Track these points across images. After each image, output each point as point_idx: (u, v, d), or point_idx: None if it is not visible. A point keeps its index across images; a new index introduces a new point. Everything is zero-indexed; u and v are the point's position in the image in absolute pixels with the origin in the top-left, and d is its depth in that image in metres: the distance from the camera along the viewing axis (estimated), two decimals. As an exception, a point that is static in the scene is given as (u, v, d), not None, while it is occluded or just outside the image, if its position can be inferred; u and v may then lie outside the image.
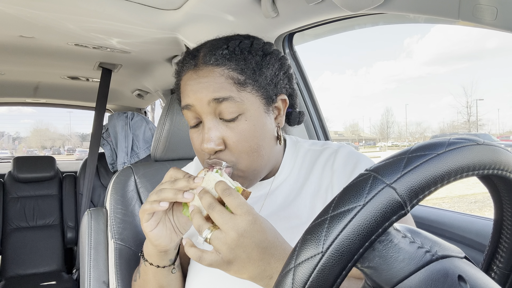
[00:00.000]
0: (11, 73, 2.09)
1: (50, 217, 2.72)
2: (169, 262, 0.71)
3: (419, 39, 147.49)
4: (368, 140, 52.28)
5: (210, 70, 0.65)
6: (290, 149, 0.79)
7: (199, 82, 0.65)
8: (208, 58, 0.66)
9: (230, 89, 0.64)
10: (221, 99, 0.63)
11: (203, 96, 0.64)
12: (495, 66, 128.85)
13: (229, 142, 0.65)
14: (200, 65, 0.66)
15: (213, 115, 0.65)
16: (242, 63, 0.66)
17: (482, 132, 34.12)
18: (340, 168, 0.71)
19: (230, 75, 0.65)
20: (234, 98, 0.64)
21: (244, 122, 0.65)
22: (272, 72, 0.69)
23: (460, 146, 0.33)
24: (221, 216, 0.53)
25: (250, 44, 0.69)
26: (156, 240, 0.64)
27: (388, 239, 0.34)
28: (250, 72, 0.66)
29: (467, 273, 0.32)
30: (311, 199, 0.72)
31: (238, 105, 0.64)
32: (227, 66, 0.65)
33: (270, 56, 0.70)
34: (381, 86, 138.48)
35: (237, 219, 0.52)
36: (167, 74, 1.86)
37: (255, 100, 0.66)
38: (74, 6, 1.09)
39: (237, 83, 0.64)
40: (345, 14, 0.92)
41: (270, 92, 0.69)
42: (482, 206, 7.57)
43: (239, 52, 0.67)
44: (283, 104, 0.73)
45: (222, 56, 0.66)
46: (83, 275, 0.98)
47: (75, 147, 35.54)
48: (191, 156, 1.23)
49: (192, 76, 0.67)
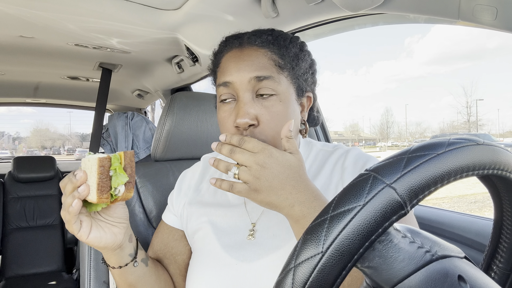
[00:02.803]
0: (11, 73, 2.08)
1: (50, 217, 2.72)
2: (129, 258, 0.72)
3: (419, 38, 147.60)
4: (368, 140, 52.28)
5: (254, 50, 0.70)
6: (304, 147, 0.82)
7: (244, 60, 0.69)
8: (253, 40, 0.72)
9: (271, 70, 0.69)
10: (262, 78, 0.68)
11: (246, 74, 0.68)
12: (495, 66, 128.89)
13: (262, 120, 0.68)
14: (245, 44, 0.72)
15: (251, 93, 0.69)
16: (284, 49, 0.71)
17: (482, 132, 34.13)
18: (351, 166, 0.74)
19: (272, 57, 0.70)
20: (274, 78, 0.68)
21: (279, 103, 0.69)
22: (305, 67, 0.74)
23: (460, 146, 0.33)
24: (242, 155, 0.60)
25: (290, 36, 0.75)
26: (99, 243, 0.65)
27: (388, 239, 0.34)
28: (289, 59, 0.71)
29: (467, 273, 0.32)
30: None
31: (276, 86, 0.69)
32: (270, 49, 0.70)
33: (305, 52, 0.76)
34: (382, 86, 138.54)
35: (256, 155, 0.60)
36: (167, 74, 1.86)
37: (290, 86, 0.71)
38: (74, 6, 1.09)
39: (277, 65, 0.70)
40: (345, 14, 0.92)
41: (301, 85, 0.74)
42: (482, 206, 7.57)
43: (282, 40, 0.72)
44: (308, 101, 0.77)
45: (267, 40, 0.71)
46: (83, 275, 0.98)
47: (75, 147, 35.56)
48: (191, 156, 1.23)
49: (237, 53, 0.71)
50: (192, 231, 0.81)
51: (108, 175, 0.60)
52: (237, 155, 0.61)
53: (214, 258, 0.74)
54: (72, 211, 0.60)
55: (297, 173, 0.61)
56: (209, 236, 0.77)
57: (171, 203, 0.89)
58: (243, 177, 0.60)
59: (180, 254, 0.84)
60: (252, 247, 0.71)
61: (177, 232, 0.86)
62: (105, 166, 0.60)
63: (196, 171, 0.90)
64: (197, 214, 0.82)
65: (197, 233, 0.80)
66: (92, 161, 0.60)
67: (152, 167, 1.16)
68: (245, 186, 0.60)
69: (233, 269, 0.71)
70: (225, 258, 0.72)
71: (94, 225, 0.65)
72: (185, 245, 0.85)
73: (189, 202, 0.85)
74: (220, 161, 0.64)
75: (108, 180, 0.60)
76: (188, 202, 0.85)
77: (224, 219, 0.78)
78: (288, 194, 0.59)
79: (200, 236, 0.79)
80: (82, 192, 0.59)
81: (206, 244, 0.77)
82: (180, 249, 0.84)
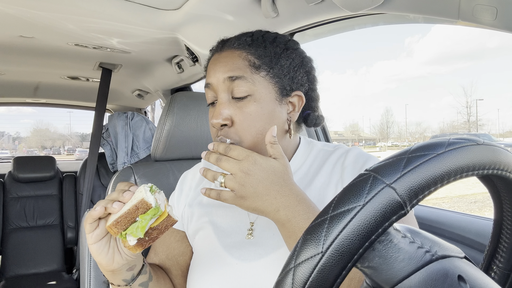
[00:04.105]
0: (11, 73, 2.08)
1: (50, 217, 2.72)
2: (123, 283, 0.69)
3: (420, 38, 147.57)
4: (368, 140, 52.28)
5: (231, 52, 0.73)
6: (304, 146, 0.82)
7: (220, 61, 0.73)
8: (232, 43, 0.74)
9: (244, 70, 0.70)
10: (234, 78, 0.69)
11: (220, 74, 0.71)
12: (496, 66, 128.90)
13: (235, 120, 0.70)
14: (225, 48, 0.74)
15: (227, 93, 0.71)
16: (261, 50, 0.72)
17: (482, 132, 34.13)
18: (351, 165, 0.74)
19: (247, 58, 0.71)
20: (246, 78, 0.69)
21: (253, 103, 0.70)
22: (290, 65, 0.74)
23: (459, 146, 0.33)
24: (228, 163, 0.62)
25: (274, 37, 0.76)
26: (97, 255, 0.63)
27: (388, 239, 0.34)
28: (267, 59, 0.72)
29: (467, 273, 0.32)
30: (319, 192, 0.74)
31: (249, 86, 0.70)
32: (246, 50, 0.72)
33: (292, 51, 0.75)
34: (382, 85, 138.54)
35: (241, 162, 0.62)
36: (167, 74, 1.86)
37: (268, 85, 0.71)
38: (74, 6, 1.09)
39: (252, 65, 0.71)
40: (345, 14, 0.92)
41: (285, 84, 0.73)
42: (482, 206, 7.57)
43: (261, 41, 0.74)
44: (299, 101, 0.76)
45: (245, 41, 0.73)
46: (83, 275, 0.98)
47: (75, 147, 35.56)
48: (191, 156, 1.23)
49: (216, 57, 0.75)
50: (193, 232, 0.81)
51: (134, 217, 0.58)
52: (223, 163, 0.63)
53: (215, 258, 0.74)
54: (92, 214, 0.60)
55: (281, 178, 0.62)
56: (210, 236, 0.77)
57: (172, 204, 0.89)
58: (229, 185, 0.62)
59: (182, 255, 0.84)
60: (252, 247, 0.72)
61: (179, 233, 0.86)
62: (139, 208, 0.57)
63: (197, 171, 0.91)
64: (198, 214, 0.82)
65: (198, 233, 0.80)
66: (137, 196, 0.59)
67: (152, 167, 1.16)
68: (232, 193, 0.62)
69: (234, 268, 0.71)
70: (226, 258, 0.72)
71: (105, 238, 0.64)
72: (186, 246, 0.85)
73: (190, 203, 0.85)
74: (208, 170, 0.65)
75: (129, 222, 0.58)
76: (189, 203, 0.85)
77: (224, 219, 0.78)
78: (273, 199, 0.60)
79: (201, 237, 0.79)
80: (112, 207, 0.59)
81: (207, 244, 0.77)
82: (182, 250, 0.84)
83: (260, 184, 0.61)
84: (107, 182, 2.67)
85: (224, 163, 0.63)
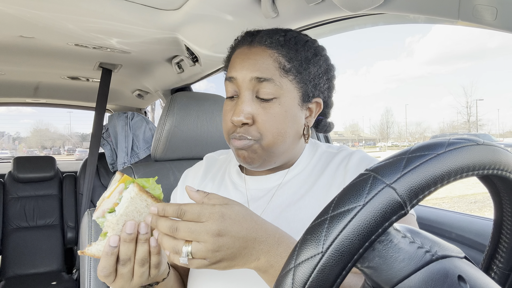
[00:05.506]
0: (11, 73, 2.08)
1: (50, 217, 2.72)
2: None
3: (420, 38, 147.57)
4: (368, 140, 52.26)
5: (262, 49, 0.70)
6: (309, 148, 0.82)
7: (249, 58, 0.70)
8: (264, 39, 0.71)
9: (274, 72, 0.68)
10: (262, 79, 0.68)
11: (248, 72, 0.69)
12: (496, 66, 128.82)
13: (258, 120, 0.69)
14: (255, 43, 0.71)
15: (251, 91, 0.69)
16: (293, 52, 0.70)
17: (482, 132, 34.12)
18: (354, 167, 0.73)
19: (278, 60, 0.69)
20: (274, 81, 0.68)
21: (278, 106, 0.69)
22: (316, 72, 0.73)
23: (459, 146, 0.33)
24: (189, 230, 0.51)
25: (306, 40, 0.74)
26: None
27: (388, 239, 0.34)
28: (297, 63, 0.70)
29: (467, 273, 0.32)
30: (322, 193, 0.73)
31: (276, 89, 0.68)
32: (278, 51, 0.70)
33: (320, 57, 0.74)
34: (382, 85, 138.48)
35: (206, 225, 0.51)
36: (167, 74, 1.86)
37: (293, 90, 0.70)
38: (74, 6, 1.09)
39: (281, 68, 0.69)
40: (345, 14, 0.92)
41: (309, 90, 0.72)
42: (482, 206, 7.57)
43: (294, 43, 0.71)
44: (317, 107, 0.76)
45: (277, 40, 0.70)
46: (83, 275, 0.98)
47: (75, 147, 35.53)
48: (191, 156, 1.23)
49: (245, 51, 0.72)
50: None
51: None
52: (182, 233, 0.51)
53: None
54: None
55: (253, 220, 0.55)
56: None
57: (174, 201, 0.89)
58: (200, 255, 0.51)
59: None
60: None
61: None
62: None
63: (198, 170, 0.90)
64: None
65: None
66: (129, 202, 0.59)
67: (152, 167, 1.16)
68: (204, 262, 0.52)
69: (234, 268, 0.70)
70: None
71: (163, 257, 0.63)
72: None
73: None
74: (163, 237, 0.53)
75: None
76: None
77: None
78: (252, 249, 0.54)
79: None
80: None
81: None
82: None
83: (237, 241, 0.52)
84: (107, 182, 2.67)
85: (184, 233, 0.51)
